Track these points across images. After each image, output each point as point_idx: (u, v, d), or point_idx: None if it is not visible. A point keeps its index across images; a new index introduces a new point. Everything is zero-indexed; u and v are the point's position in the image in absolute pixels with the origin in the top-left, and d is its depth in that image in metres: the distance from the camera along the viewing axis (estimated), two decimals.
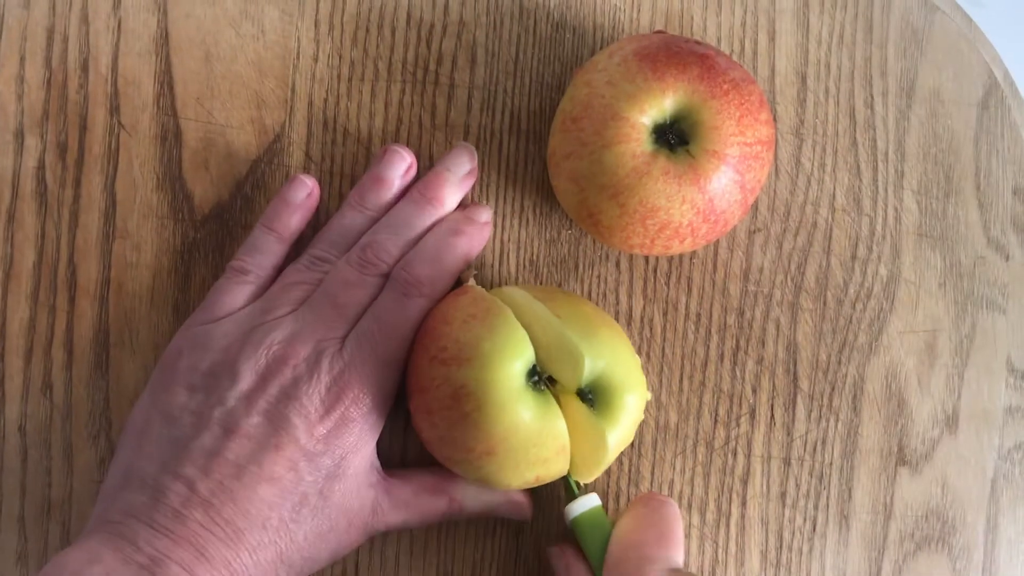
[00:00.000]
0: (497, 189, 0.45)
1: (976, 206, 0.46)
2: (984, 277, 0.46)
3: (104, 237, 0.44)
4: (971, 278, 0.46)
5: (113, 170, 0.44)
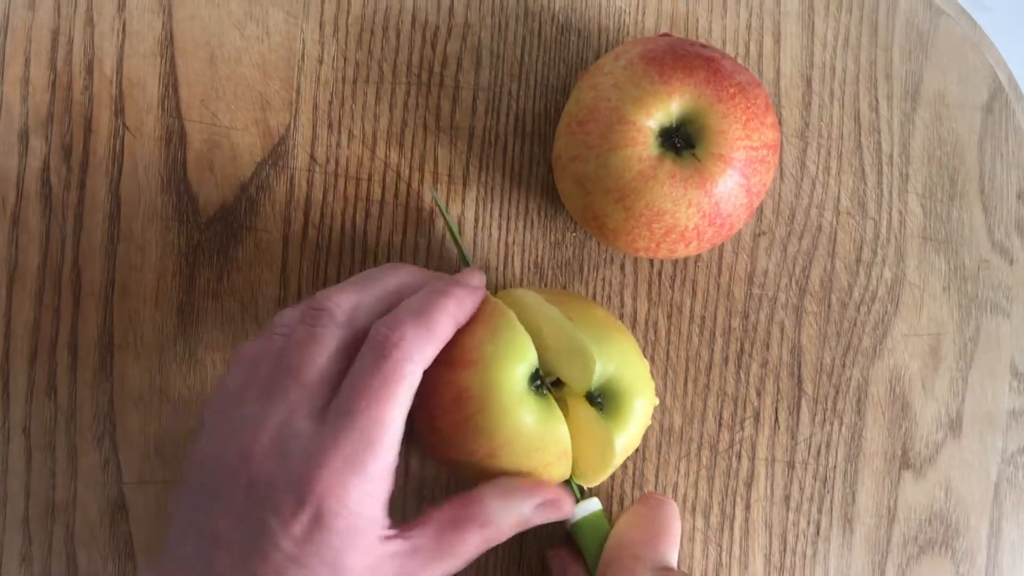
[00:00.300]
0: (502, 191, 0.45)
1: (980, 210, 0.46)
2: (988, 281, 0.46)
3: (109, 239, 0.44)
4: (975, 281, 0.46)
5: (118, 172, 0.44)
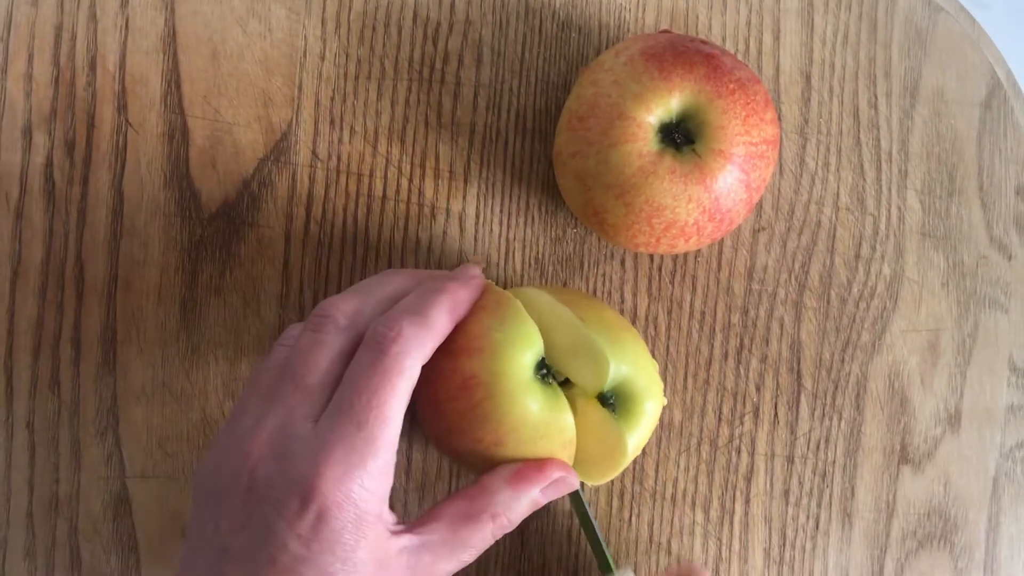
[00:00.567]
0: (503, 188, 0.45)
1: (979, 206, 0.46)
2: (987, 276, 0.46)
3: (111, 235, 0.44)
4: (974, 277, 0.46)
5: (121, 168, 0.44)
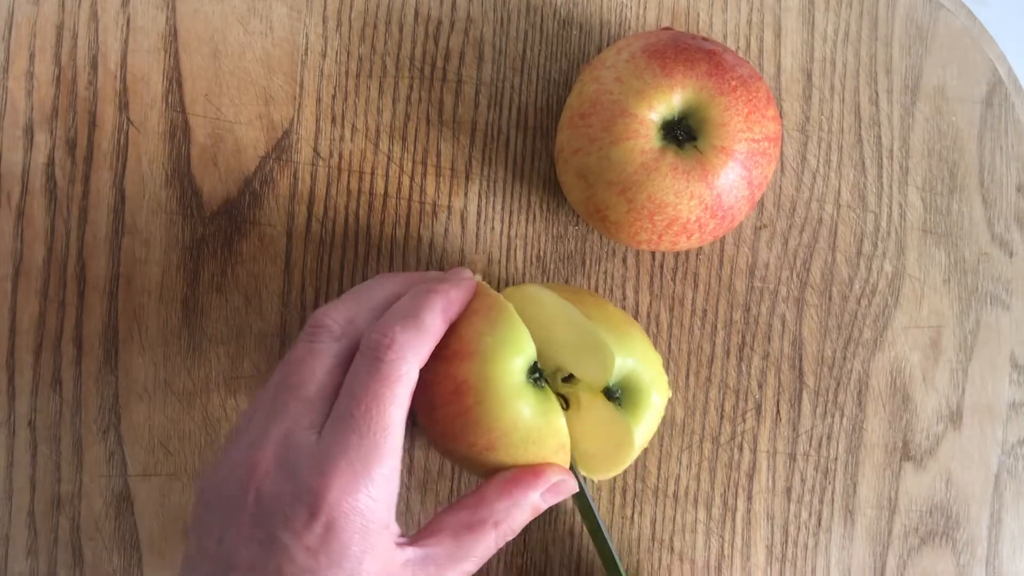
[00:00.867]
0: (504, 185, 0.45)
1: (980, 202, 0.46)
2: (988, 273, 0.46)
3: (113, 233, 0.44)
4: (975, 274, 0.46)
5: (122, 166, 0.44)
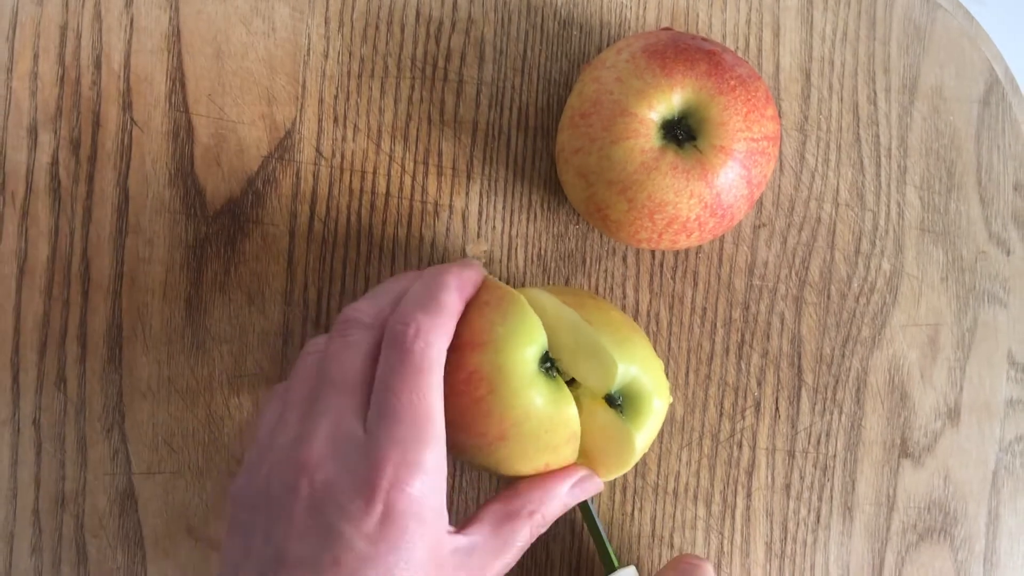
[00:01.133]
0: (505, 185, 0.45)
1: (978, 201, 0.46)
2: (985, 271, 0.46)
3: (117, 232, 0.44)
4: (973, 272, 0.46)
5: (125, 166, 0.44)
